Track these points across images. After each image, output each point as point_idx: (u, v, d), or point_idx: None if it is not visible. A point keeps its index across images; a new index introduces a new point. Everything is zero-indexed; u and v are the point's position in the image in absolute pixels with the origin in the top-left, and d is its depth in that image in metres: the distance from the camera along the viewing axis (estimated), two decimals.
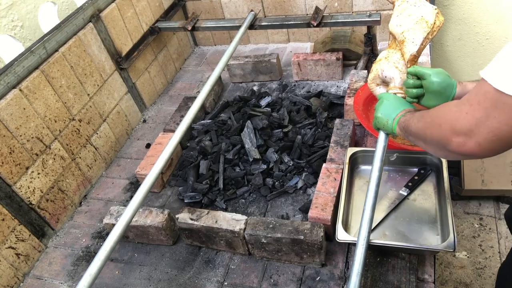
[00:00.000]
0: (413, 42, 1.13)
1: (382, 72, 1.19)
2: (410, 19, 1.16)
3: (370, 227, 1.05)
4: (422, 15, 1.16)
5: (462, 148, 0.78)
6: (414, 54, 1.13)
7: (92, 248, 1.54)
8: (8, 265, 1.43)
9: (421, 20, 1.15)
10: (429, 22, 1.14)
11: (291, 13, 2.29)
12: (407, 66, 1.15)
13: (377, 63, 1.22)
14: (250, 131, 1.69)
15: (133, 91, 2.07)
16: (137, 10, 2.04)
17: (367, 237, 1.02)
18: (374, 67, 1.23)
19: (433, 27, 1.14)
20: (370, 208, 1.06)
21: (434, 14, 1.15)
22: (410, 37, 1.14)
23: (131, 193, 1.72)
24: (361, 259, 0.99)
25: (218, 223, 1.34)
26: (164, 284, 1.36)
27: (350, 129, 1.57)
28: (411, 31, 1.14)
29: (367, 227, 1.03)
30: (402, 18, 1.18)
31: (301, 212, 1.45)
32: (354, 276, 0.96)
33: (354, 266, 0.98)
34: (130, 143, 2.00)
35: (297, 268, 1.31)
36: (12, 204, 1.44)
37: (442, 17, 1.16)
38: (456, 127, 0.78)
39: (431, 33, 1.14)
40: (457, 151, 0.80)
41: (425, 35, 1.13)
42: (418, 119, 0.96)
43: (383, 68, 1.18)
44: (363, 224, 1.04)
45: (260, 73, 2.13)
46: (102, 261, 1.05)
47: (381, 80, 1.22)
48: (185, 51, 2.54)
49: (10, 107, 1.41)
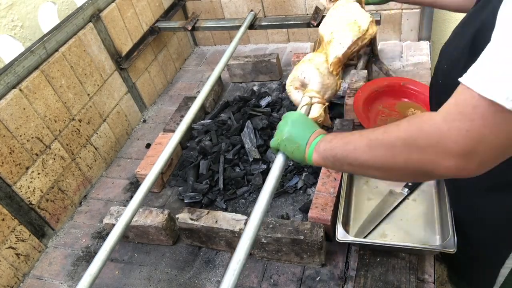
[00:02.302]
0: (340, 44, 1.03)
1: (302, 73, 1.07)
2: (342, 20, 1.07)
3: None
4: (356, 19, 1.07)
5: (459, 171, 0.65)
6: (339, 57, 1.02)
7: (92, 248, 1.54)
8: (8, 265, 1.43)
9: (354, 23, 1.06)
10: (361, 27, 1.05)
11: (291, 13, 2.28)
12: (330, 70, 1.03)
13: (298, 65, 1.10)
14: (250, 131, 1.69)
15: (133, 91, 2.07)
16: (137, 10, 2.04)
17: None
18: (295, 68, 1.10)
19: (365, 34, 1.04)
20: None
21: (369, 22, 1.06)
22: (338, 38, 1.04)
23: (131, 193, 1.72)
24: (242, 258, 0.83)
25: (218, 223, 1.34)
26: (164, 284, 1.36)
27: (350, 129, 1.57)
28: (340, 32, 1.05)
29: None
30: (333, 19, 1.09)
31: (301, 212, 1.45)
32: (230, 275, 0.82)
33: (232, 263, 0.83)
34: (130, 143, 2.00)
35: (297, 268, 1.31)
36: (12, 204, 1.44)
37: (375, 27, 1.08)
38: (453, 149, 0.63)
39: (362, 40, 1.04)
40: (449, 175, 0.67)
41: (355, 39, 1.03)
42: (366, 144, 0.77)
43: (303, 69, 1.06)
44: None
45: (260, 73, 2.13)
46: (102, 261, 1.04)
47: (300, 83, 1.09)
48: (185, 51, 2.54)
49: (10, 107, 1.41)
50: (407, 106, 1.65)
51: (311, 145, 0.90)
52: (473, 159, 0.62)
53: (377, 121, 1.64)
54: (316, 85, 1.03)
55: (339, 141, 0.84)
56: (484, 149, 0.61)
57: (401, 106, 1.66)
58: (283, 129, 0.95)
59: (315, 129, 0.93)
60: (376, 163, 0.75)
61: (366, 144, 0.76)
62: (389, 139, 0.72)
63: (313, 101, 1.01)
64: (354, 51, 1.03)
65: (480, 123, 0.59)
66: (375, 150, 0.74)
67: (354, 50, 1.02)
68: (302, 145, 0.91)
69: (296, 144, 0.92)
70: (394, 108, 1.67)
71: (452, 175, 0.67)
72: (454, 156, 0.63)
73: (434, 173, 0.68)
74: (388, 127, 0.75)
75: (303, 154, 0.91)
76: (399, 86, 1.69)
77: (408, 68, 2.00)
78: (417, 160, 0.68)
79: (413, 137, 0.68)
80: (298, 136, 0.92)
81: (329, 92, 1.03)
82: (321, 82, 1.02)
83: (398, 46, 2.17)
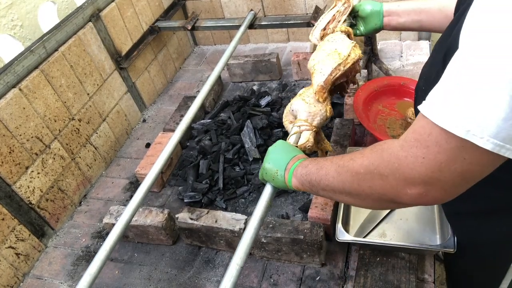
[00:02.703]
0: (320, 73, 1.08)
1: (291, 106, 1.13)
2: (324, 52, 1.12)
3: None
4: (336, 48, 1.11)
5: (423, 199, 0.64)
6: (321, 85, 1.07)
7: (92, 248, 1.54)
8: (8, 265, 1.43)
9: (334, 52, 1.10)
10: (341, 54, 1.09)
11: (291, 12, 2.28)
12: (316, 97, 1.08)
13: (291, 101, 1.16)
14: (250, 130, 1.69)
15: (133, 90, 2.07)
16: (136, 10, 2.04)
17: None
18: (288, 105, 1.17)
19: (347, 58, 1.08)
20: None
21: (350, 48, 1.10)
22: (319, 68, 1.09)
23: (131, 193, 1.72)
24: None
25: (218, 222, 1.34)
26: (164, 284, 1.36)
27: (350, 128, 1.57)
28: (321, 63, 1.10)
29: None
30: (316, 53, 1.15)
31: (301, 212, 1.45)
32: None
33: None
34: (130, 142, 2.00)
35: (297, 268, 1.31)
36: (12, 203, 1.44)
37: (359, 51, 1.11)
38: (411, 176, 0.62)
39: (344, 65, 1.07)
40: (414, 203, 0.66)
41: (335, 66, 1.07)
42: (335, 170, 0.78)
43: (293, 102, 1.12)
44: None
45: (260, 73, 2.13)
46: (102, 261, 1.04)
47: (292, 117, 1.15)
48: (185, 50, 2.53)
49: (9, 106, 1.41)
50: (407, 105, 1.65)
51: (290, 170, 0.90)
52: (435, 187, 0.62)
53: (377, 121, 1.64)
54: (303, 114, 1.08)
55: (313, 166, 0.84)
56: (444, 177, 0.60)
57: (401, 105, 1.66)
58: (265, 159, 0.97)
59: (294, 155, 0.93)
60: (345, 188, 0.76)
61: (335, 170, 0.78)
62: (354, 166, 0.73)
63: (301, 129, 1.06)
64: (337, 76, 1.07)
65: (436, 150, 0.58)
66: (343, 176, 0.76)
67: (336, 75, 1.07)
68: (280, 171, 0.91)
69: (275, 171, 0.92)
70: (394, 108, 1.67)
71: (416, 202, 0.66)
72: (414, 184, 0.63)
73: (398, 201, 0.68)
74: (355, 154, 0.75)
75: (283, 180, 0.91)
76: (399, 85, 1.69)
77: (408, 68, 2.00)
78: (380, 187, 0.68)
79: (375, 164, 0.68)
80: (276, 163, 0.93)
81: (318, 119, 1.08)
82: (306, 110, 1.07)
83: (398, 45, 2.17)
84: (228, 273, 0.85)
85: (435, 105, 0.58)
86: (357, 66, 1.13)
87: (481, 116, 0.53)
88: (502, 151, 0.54)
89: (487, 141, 0.53)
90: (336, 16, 1.22)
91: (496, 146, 0.53)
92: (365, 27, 1.23)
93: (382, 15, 1.17)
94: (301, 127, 1.06)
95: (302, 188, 0.88)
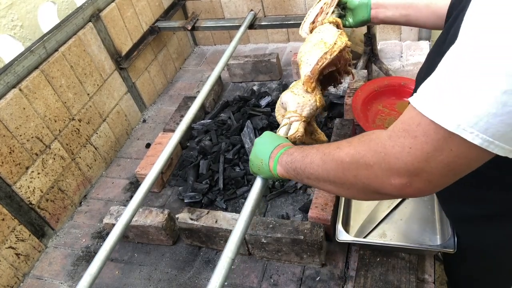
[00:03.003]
0: (307, 63, 1.09)
1: (280, 99, 1.14)
2: (310, 43, 1.12)
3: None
4: (321, 38, 1.12)
5: (406, 189, 0.63)
6: (308, 74, 1.07)
7: (92, 248, 1.54)
8: (8, 265, 1.43)
9: (320, 42, 1.11)
10: (327, 43, 1.09)
11: (291, 12, 2.28)
12: (304, 88, 1.08)
13: (280, 95, 1.17)
14: (250, 131, 1.69)
15: (133, 90, 2.07)
16: (137, 10, 2.04)
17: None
18: (278, 99, 1.17)
19: (333, 47, 1.08)
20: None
21: (336, 36, 1.10)
22: (305, 59, 1.10)
23: (131, 193, 1.72)
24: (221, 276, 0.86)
25: (218, 223, 1.34)
26: (164, 284, 1.36)
27: (350, 129, 1.57)
28: (307, 54, 1.10)
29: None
30: (303, 45, 1.16)
31: (301, 212, 1.45)
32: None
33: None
34: (130, 143, 2.00)
35: (297, 268, 1.31)
36: (12, 204, 1.44)
37: (345, 38, 1.11)
38: (397, 166, 0.62)
39: (330, 53, 1.07)
40: (397, 193, 0.66)
41: (321, 54, 1.07)
42: (320, 158, 0.77)
43: (282, 95, 1.13)
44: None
45: (260, 73, 2.13)
46: (102, 261, 1.04)
47: (284, 110, 1.14)
48: (185, 50, 2.53)
49: (10, 106, 1.41)
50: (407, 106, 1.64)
51: (274, 159, 0.89)
52: (419, 177, 0.61)
53: (376, 121, 1.64)
54: (292, 105, 1.08)
55: (299, 154, 0.83)
56: (430, 167, 0.59)
57: (401, 106, 1.66)
58: (252, 151, 0.96)
59: (279, 143, 0.92)
60: (329, 177, 0.75)
61: (320, 158, 0.77)
62: (340, 154, 0.72)
63: (291, 120, 1.06)
64: (324, 65, 1.07)
65: (423, 140, 0.58)
66: (328, 165, 0.75)
67: (323, 64, 1.07)
68: (265, 160, 0.90)
69: (260, 160, 0.92)
70: (394, 108, 1.67)
71: (400, 193, 0.66)
72: (399, 174, 0.62)
73: (382, 191, 0.67)
74: (341, 142, 0.75)
75: (268, 168, 0.90)
76: (399, 86, 1.69)
77: (408, 68, 2.00)
78: (365, 177, 0.68)
79: (361, 153, 0.68)
80: (261, 152, 0.92)
81: (307, 109, 1.07)
82: (295, 101, 1.07)
83: (398, 45, 2.17)
84: (220, 265, 0.85)
85: (426, 98, 0.58)
86: (345, 54, 1.11)
87: (471, 111, 0.53)
88: (491, 147, 0.54)
89: (476, 136, 0.53)
90: (324, 8, 1.23)
91: (484, 142, 0.54)
92: (353, 19, 1.24)
93: (370, 7, 1.18)
94: (291, 118, 1.05)
95: (287, 175, 0.87)
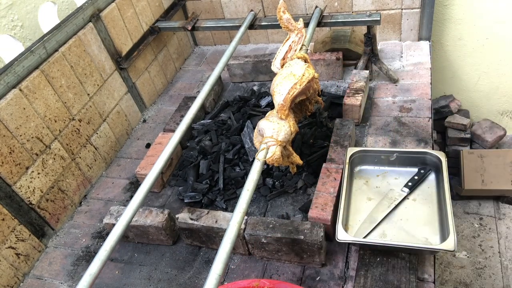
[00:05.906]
0: (279, 93, 1.23)
1: (258, 127, 1.26)
2: (280, 76, 1.28)
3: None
4: (291, 71, 1.27)
5: None
6: (281, 103, 1.21)
7: (92, 248, 1.54)
8: (8, 265, 1.43)
9: (290, 74, 1.26)
10: (296, 75, 1.25)
11: (291, 13, 2.27)
12: (278, 115, 1.22)
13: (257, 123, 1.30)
14: (250, 131, 1.69)
15: (133, 91, 2.07)
16: (137, 10, 2.04)
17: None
18: (256, 127, 1.30)
19: (302, 78, 1.24)
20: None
21: (304, 68, 1.27)
22: (277, 90, 1.24)
23: (131, 193, 1.72)
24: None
25: (218, 223, 1.34)
26: (164, 284, 1.36)
27: (350, 129, 1.57)
28: (279, 85, 1.25)
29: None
30: (275, 78, 1.30)
31: (301, 212, 1.45)
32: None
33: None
34: (130, 143, 2.00)
35: (297, 268, 1.31)
36: (12, 204, 1.44)
37: (312, 70, 1.27)
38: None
39: (300, 83, 1.23)
40: None
41: (292, 85, 1.22)
42: None
43: (259, 123, 1.25)
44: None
45: (260, 73, 2.13)
46: (102, 261, 1.04)
47: (261, 137, 1.26)
48: (185, 51, 2.54)
49: (10, 107, 1.41)
50: None
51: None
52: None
53: None
54: (268, 131, 1.20)
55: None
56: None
57: None
58: None
59: None
60: None
61: None
62: None
63: (268, 145, 1.17)
64: (295, 94, 1.21)
65: None
66: None
67: (294, 93, 1.21)
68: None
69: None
70: None
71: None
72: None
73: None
74: None
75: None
76: None
77: (408, 68, 2.00)
78: None
79: None
80: None
81: (282, 134, 1.19)
82: (271, 127, 1.20)
83: (398, 46, 2.18)
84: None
85: None
86: (313, 84, 1.28)
87: None
88: None
89: None
90: (292, 46, 1.41)
91: None
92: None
93: None
94: (268, 143, 1.17)
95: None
